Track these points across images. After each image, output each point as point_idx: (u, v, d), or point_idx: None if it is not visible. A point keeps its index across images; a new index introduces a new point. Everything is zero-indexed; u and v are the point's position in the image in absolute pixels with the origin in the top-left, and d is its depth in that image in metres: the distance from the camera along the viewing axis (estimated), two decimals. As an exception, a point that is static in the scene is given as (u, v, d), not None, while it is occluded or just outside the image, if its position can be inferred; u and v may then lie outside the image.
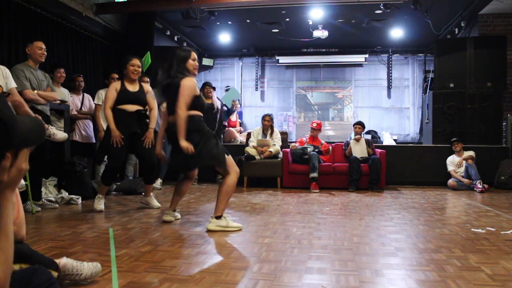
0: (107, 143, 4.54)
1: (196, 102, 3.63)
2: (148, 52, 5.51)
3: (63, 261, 2.14)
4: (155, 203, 4.89)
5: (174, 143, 3.68)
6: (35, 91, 4.47)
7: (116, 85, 4.63)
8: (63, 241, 3.13)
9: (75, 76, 6.17)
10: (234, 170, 3.64)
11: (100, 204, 4.55)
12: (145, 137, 4.65)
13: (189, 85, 3.58)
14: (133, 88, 4.67)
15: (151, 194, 4.94)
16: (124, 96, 4.58)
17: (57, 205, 4.78)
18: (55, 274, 2.00)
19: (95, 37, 7.36)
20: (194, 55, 3.75)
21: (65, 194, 5.08)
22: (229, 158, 3.67)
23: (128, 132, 4.55)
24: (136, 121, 4.63)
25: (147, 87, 4.90)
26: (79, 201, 5.09)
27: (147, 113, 4.81)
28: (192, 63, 3.71)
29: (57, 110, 5.26)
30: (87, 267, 2.19)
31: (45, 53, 4.65)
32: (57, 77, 5.52)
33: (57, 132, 4.46)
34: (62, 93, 5.53)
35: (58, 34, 6.42)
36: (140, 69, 4.69)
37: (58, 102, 5.16)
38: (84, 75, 6.37)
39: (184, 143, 3.46)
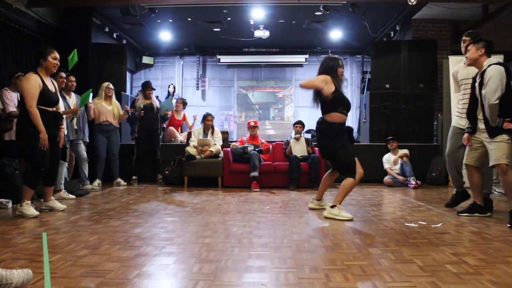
0: (34, 145, 4.21)
1: None
2: (75, 49, 5.24)
3: None
4: (59, 205, 4.62)
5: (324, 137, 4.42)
6: None
7: (38, 80, 4.23)
8: (-11, 247, 2.94)
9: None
10: (359, 172, 4.22)
11: (31, 209, 4.22)
12: (60, 137, 4.57)
13: None
14: (50, 86, 4.40)
15: (52, 197, 4.69)
16: (47, 97, 4.30)
17: None
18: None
19: (27, 32, 6.94)
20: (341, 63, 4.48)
21: (-8, 197, 4.78)
22: (356, 160, 4.25)
23: (50, 135, 4.34)
24: (54, 123, 4.45)
25: (56, 84, 4.65)
26: (9, 204, 4.79)
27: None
28: (341, 70, 4.44)
29: None
30: (17, 275, 2.07)
31: None
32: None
33: None
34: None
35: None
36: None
37: None
38: (16, 72, 5.95)
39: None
